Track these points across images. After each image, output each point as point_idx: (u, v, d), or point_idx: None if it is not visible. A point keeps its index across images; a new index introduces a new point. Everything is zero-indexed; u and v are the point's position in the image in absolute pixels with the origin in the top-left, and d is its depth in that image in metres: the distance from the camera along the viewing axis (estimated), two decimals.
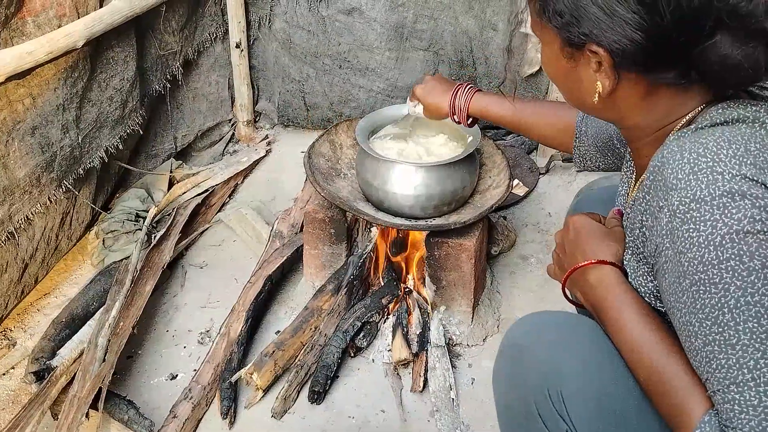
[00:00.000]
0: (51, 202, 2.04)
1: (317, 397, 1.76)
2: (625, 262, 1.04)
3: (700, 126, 0.89)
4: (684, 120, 0.96)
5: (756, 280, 0.79)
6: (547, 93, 2.74)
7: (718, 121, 0.89)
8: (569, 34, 0.95)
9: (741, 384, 0.78)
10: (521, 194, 2.60)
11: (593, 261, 1.05)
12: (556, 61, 1.02)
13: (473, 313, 1.98)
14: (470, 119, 1.64)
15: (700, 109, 0.95)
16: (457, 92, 1.62)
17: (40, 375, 1.78)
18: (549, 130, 1.52)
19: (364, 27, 2.78)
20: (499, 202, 1.87)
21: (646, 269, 0.98)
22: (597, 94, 0.98)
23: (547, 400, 1.00)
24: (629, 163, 1.18)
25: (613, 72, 0.94)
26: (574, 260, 1.09)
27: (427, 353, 1.86)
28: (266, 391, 1.78)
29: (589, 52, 0.94)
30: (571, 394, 0.99)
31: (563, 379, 0.99)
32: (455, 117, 1.65)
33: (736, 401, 0.78)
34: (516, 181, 2.64)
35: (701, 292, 0.82)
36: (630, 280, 1.02)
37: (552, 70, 1.06)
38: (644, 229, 0.93)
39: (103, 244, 2.24)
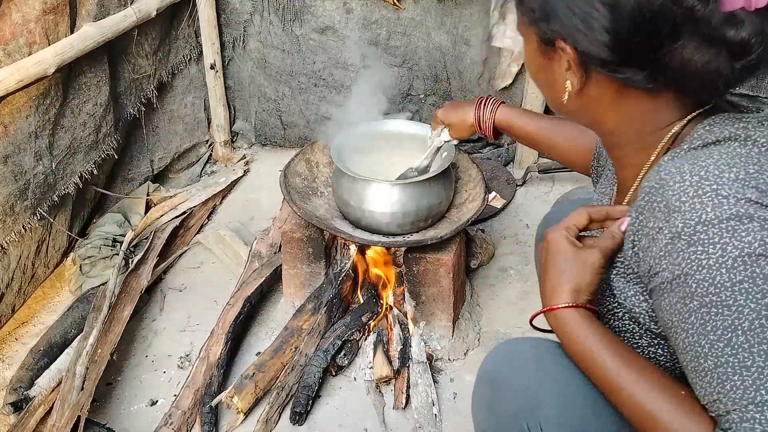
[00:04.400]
0: (26, 230, 2.03)
1: (299, 418, 1.75)
2: (612, 282, 1.01)
3: (693, 146, 0.89)
4: (669, 134, 0.96)
5: None
6: (521, 106, 2.76)
7: (709, 140, 0.88)
8: (540, 30, 0.96)
9: (760, 404, 0.77)
10: (499, 206, 2.61)
11: (550, 308, 1.00)
12: (535, 58, 1.03)
13: (454, 327, 1.98)
14: (494, 132, 1.61)
15: (685, 122, 0.95)
16: (481, 104, 1.60)
17: (18, 405, 1.76)
18: (571, 148, 1.50)
19: (338, 45, 2.80)
20: (475, 215, 1.88)
21: (639, 288, 0.96)
22: (567, 93, 0.99)
23: (525, 431, 0.99)
24: (610, 174, 1.18)
25: (580, 70, 0.95)
26: (541, 287, 1.05)
27: (408, 369, 1.86)
28: (247, 414, 1.77)
29: (560, 49, 0.95)
30: (549, 425, 0.97)
31: (541, 410, 0.98)
32: (480, 128, 1.62)
33: (757, 420, 0.77)
34: (493, 194, 2.65)
35: (712, 313, 0.81)
36: (620, 300, 1.00)
37: (532, 69, 1.06)
38: (637, 250, 0.92)
39: (81, 270, 2.22)
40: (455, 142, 1.77)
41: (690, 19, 0.84)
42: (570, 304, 0.99)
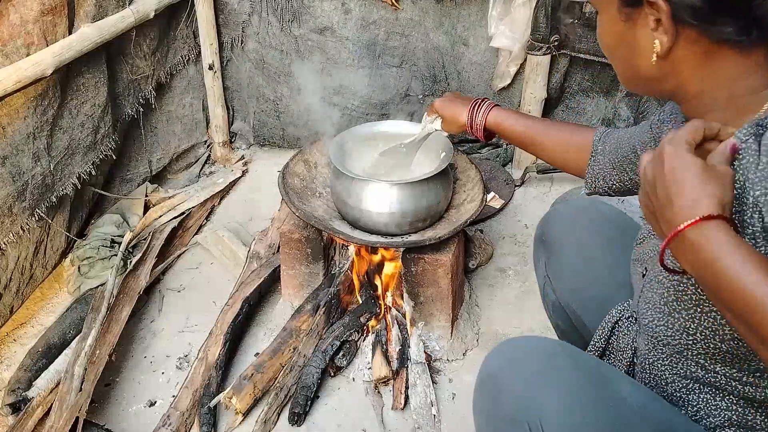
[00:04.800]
0: (24, 231, 2.03)
1: (297, 418, 1.75)
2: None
3: None
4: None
5: None
6: (519, 106, 2.77)
7: None
8: None
9: None
10: (497, 207, 2.61)
11: (696, 220, 0.81)
12: (613, 26, 1.01)
13: (452, 327, 1.98)
14: (486, 133, 1.62)
15: None
16: (475, 105, 1.61)
17: (17, 407, 1.76)
18: (561, 148, 1.49)
19: (336, 45, 2.79)
20: (473, 216, 1.88)
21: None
22: (655, 55, 0.96)
23: None
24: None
25: (672, 25, 0.92)
26: (668, 210, 0.85)
27: (407, 370, 1.86)
28: (246, 414, 1.77)
29: (648, 5, 0.93)
30: (551, 426, 0.96)
31: (543, 413, 0.96)
32: (471, 129, 1.63)
33: None
34: (492, 194, 2.66)
35: None
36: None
37: (609, 40, 1.04)
38: (747, 208, 0.84)
39: (79, 271, 2.22)
40: (446, 133, 1.77)
41: None
42: (723, 214, 0.82)
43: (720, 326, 0.93)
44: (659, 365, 1.08)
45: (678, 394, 1.06)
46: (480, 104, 1.60)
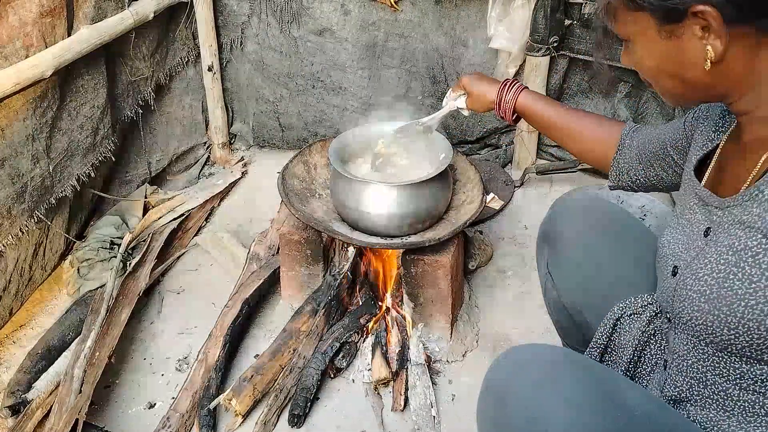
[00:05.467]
0: (23, 233, 2.02)
1: (297, 420, 1.75)
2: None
3: None
4: None
5: None
6: None
7: None
8: (669, 4, 0.95)
9: None
10: (497, 208, 2.61)
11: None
12: (654, 47, 1.01)
13: (452, 329, 1.98)
14: (514, 115, 1.60)
15: None
16: (506, 85, 1.60)
17: (16, 409, 1.76)
18: (589, 139, 1.49)
19: (335, 47, 2.79)
20: (473, 217, 1.88)
21: None
22: (708, 61, 0.97)
23: None
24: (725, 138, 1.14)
25: (724, 28, 0.93)
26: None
27: (407, 371, 1.86)
28: (246, 416, 1.77)
29: (692, 15, 0.94)
30: None
31: (548, 422, 0.95)
32: (500, 108, 1.61)
33: None
34: (491, 195, 2.65)
35: None
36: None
37: (651, 63, 1.04)
38: None
39: (78, 273, 2.22)
40: (467, 112, 1.75)
41: None
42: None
43: (764, 317, 0.92)
44: (700, 366, 1.07)
45: (715, 397, 1.05)
46: (511, 85, 1.59)
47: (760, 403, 0.99)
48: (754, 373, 0.98)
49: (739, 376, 1.00)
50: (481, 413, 1.09)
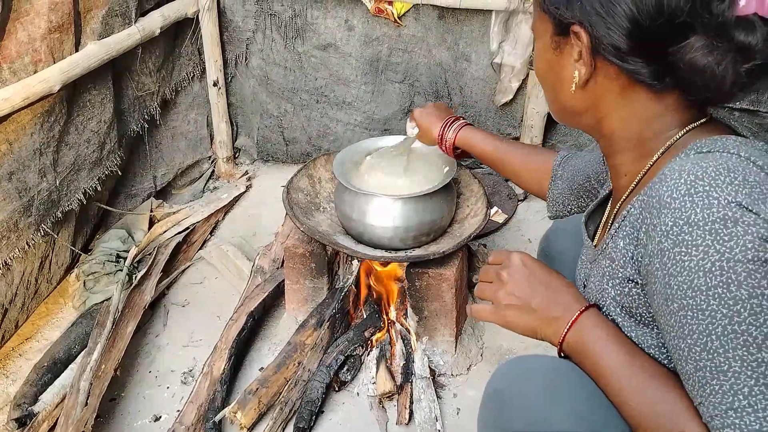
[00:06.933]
0: (29, 246, 2.04)
1: None
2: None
3: (701, 150, 0.89)
4: (668, 143, 0.96)
5: (742, 310, 0.79)
6: (522, 122, 2.78)
7: (717, 148, 0.89)
8: (560, 13, 0.97)
9: (739, 410, 0.78)
10: (500, 221, 2.62)
11: (577, 314, 1.01)
12: (545, 53, 1.04)
13: (456, 342, 1.98)
14: (457, 150, 1.68)
15: (683, 132, 0.96)
16: (448, 122, 1.66)
17: (22, 421, 1.76)
18: (526, 170, 1.54)
19: (339, 62, 2.82)
20: (477, 231, 1.89)
21: (637, 290, 0.96)
22: (574, 84, 0.99)
23: None
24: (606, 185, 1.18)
25: (591, 58, 0.96)
26: (538, 310, 1.05)
27: (411, 385, 1.86)
28: (251, 429, 1.77)
29: (573, 35, 0.96)
30: None
31: (549, 427, 0.97)
32: (442, 145, 1.68)
33: (737, 426, 0.78)
34: (495, 209, 2.67)
35: (689, 317, 0.83)
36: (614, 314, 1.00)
37: (541, 67, 1.07)
38: (639, 248, 0.92)
39: (84, 286, 2.23)
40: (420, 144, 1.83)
41: (706, 12, 0.85)
42: (589, 305, 1.03)
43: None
44: None
45: None
46: (453, 122, 1.66)
47: None
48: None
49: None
50: (482, 419, 1.10)
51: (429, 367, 1.91)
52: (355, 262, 2.06)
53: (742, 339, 0.79)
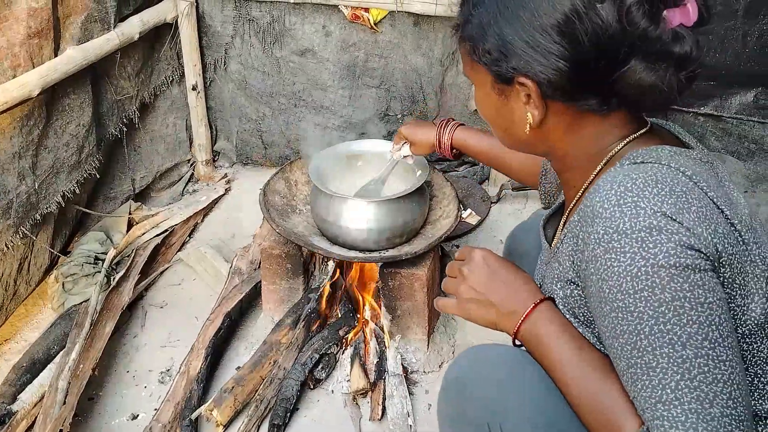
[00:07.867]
0: (8, 248, 2.06)
1: (277, 430, 1.78)
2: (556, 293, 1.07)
3: (635, 161, 0.96)
4: (609, 155, 1.03)
5: (666, 311, 0.85)
6: None
7: (650, 159, 0.95)
8: (499, 69, 1.01)
9: (667, 403, 0.84)
10: (474, 223, 2.68)
11: (532, 306, 1.06)
12: (489, 98, 1.08)
13: (429, 340, 2.03)
14: (454, 151, 1.74)
15: (624, 143, 1.02)
16: (442, 125, 1.73)
17: (1, 420, 1.78)
18: (520, 165, 1.62)
19: (317, 67, 2.86)
20: (448, 232, 1.94)
21: (578, 292, 1.02)
22: (528, 125, 1.04)
23: None
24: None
25: (541, 102, 1.01)
26: (497, 304, 1.10)
27: (384, 382, 1.91)
28: (227, 427, 1.81)
29: (518, 84, 1.00)
30: (512, 428, 1.01)
31: (505, 414, 1.02)
32: (440, 148, 1.75)
33: (665, 417, 0.84)
34: (468, 211, 2.72)
35: (619, 318, 0.89)
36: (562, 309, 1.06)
37: (486, 110, 1.12)
38: (577, 253, 0.98)
39: (63, 287, 2.25)
40: (411, 160, 1.90)
41: (643, 40, 0.91)
42: (544, 297, 1.09)
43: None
44: None
45: None
46: (446, 124, 1.72)
47: None
48: None
49: None
50: (441, 407, 1.15)
51: (402, 364, 1.96)
52: (331, 263, 2.11)
53: (667, 338, 0.85)
